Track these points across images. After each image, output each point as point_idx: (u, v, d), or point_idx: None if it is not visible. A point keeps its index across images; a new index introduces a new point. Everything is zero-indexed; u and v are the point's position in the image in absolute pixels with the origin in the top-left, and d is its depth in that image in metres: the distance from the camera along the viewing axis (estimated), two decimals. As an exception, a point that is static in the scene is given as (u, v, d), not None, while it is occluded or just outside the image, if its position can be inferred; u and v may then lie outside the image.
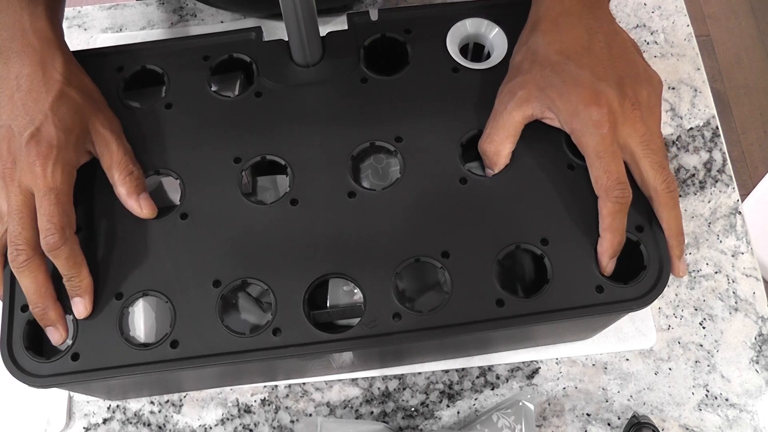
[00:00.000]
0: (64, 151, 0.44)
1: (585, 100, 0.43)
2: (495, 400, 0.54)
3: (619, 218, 0.43)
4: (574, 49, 0.45)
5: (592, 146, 0.43)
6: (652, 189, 0.44)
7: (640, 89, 0.45)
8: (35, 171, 0.43)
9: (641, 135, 0.43)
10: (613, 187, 0.43)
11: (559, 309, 0.43)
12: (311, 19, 0.47)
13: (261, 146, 0.48)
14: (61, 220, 0.42)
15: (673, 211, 0.44)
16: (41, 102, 0.44)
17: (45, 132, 0.43)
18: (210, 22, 0.67)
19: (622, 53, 0.46)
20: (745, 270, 0.57)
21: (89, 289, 0.44)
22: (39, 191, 0.43)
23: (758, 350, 0.55)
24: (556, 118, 0.45)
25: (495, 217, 0.45)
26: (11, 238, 0.42)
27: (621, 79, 0.44)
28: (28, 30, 0.46)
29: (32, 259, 0.42)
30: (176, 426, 0.54)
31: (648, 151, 0.43)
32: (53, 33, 0.47)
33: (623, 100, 0.44)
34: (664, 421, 0.53)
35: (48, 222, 0.42)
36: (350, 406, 0.54)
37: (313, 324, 0.43)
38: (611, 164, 0.43)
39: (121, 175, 0.45)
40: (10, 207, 0.43)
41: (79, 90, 0.46)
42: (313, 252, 0.45)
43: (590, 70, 0.44)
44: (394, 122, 0.48)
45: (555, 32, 0.46)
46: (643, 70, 0.46)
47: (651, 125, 0.44)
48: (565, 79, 0.44)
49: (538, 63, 0.45)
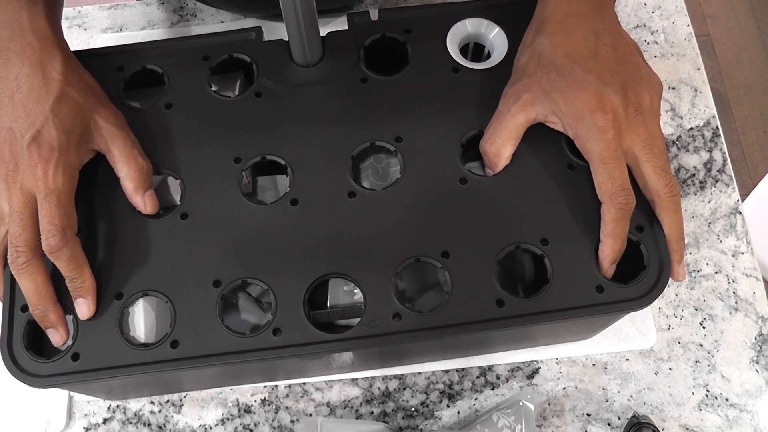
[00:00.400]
0: (65, 153, 0.44)
1: (590, 105, 0.43)
2: (495, 400, 0.54)
3: (622, 224, 0.43)
4: (581, 52, 0.45)
5: (597, 152, 0.43)
6: (655, 193, 0.44)
7: (643, 93, 0.45)
8: (37, 173, 0.43)
9: (644, 140, 0.43)
10: (617, 193, 0.43)
11: (559, 309, 0.43)
12: (311, 19, 0.47)
13: (261, 146, 0.48)
14: (62, 221, 0.43)
15: (675, 215, 0.44)
16: (42, 103, 0.44)
17: (46, 134, 0.43)
18: (210, 22, 0.67)
19: (626, 56, 0.46)
20: (745, 270, 0.57)
21: (92, 289, 0.44)
22: (40, 193, 0.43)
23: (758, 350, 0.55)
24: (559, 122, 0.45)
25: (495, 217, 0.45)
26: (12, 240, 0.42)
27: (625, 84, 0.44)
28: (27, 29, 0.46)
29: (32, 261, 0.42)
30: (176, 426, 0.54)
31: (650, 155, 0.43)
32: (52, 32, 0.47)
33: (627, 106, 0.44)
34: (664, 421, 0.53)
35: (49, 224, 0.42)
36: (350, 406, 0.54)
37: (313, 324, 0.43)
38: (615, 170, 0.43)
39: (130, 170, 0.46)
40: (12, 209, 0.43)
41: (79, 89, 0.46)
42: (313, 252, 0.45)
43: (596, 75, 0.44)
44: (394, 122, 0.48)
45: (561, 34, 0.46)
46: (645, 73, 0.46)
47: (653, 129, 0.44)
48: (571, 83, 0.44)
49: (543, 66, 0.45)
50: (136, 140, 0.47)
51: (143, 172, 0.46)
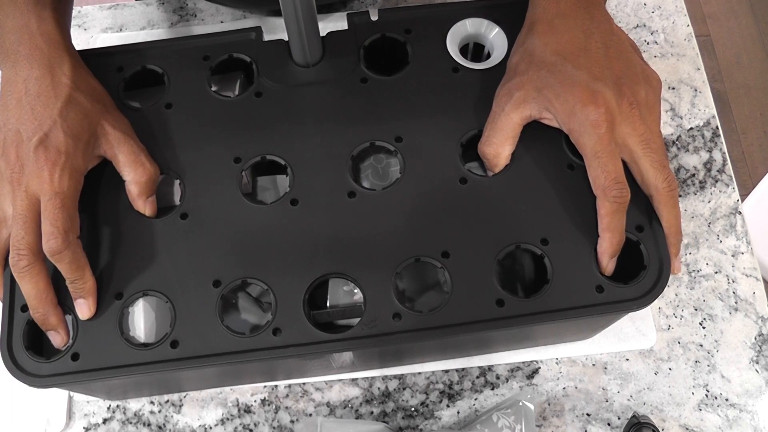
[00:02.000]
0: (72, 157, 0.44)
1: (582, 100, 0.43)
2: (495, 400, 0.54)
3: (618, 218, 0.43)
4: (571, 49, 0.45)
5: (590, 146, 0.43)
6: (653, 187, 0.44)
7: (638, 89, 0.44)
8: (43, 176, 0.43)
9: (640, 134, 0.43)
10: (611, 186, 0.43)
11: (559, 309, 0.43)
12: (311, 19, 0.47)
13: (261, 146, 0.48)
14: (65, 224, 0.43)
15: (674, 209, 0.44)
16: (50, 107, 0.44)
17: (53, 138, 0.43)
18: (210, 22, 0.67)
19: (619, 53, 0.46)
20: (745, 270, 0.57)
21: (93, 290, 0.44)
22: (45, 195, 0.43)
23: (758, 350, 0.55)
24: (554, 118, 0.45)
25: (495, 217, 0.45)
26: (14, 242, 0.42)
27: (618, 79, 0.44)
28: (36, 33, 0.46)
29: (33, 264, 0.42)
30: (176, 426, 0.54)
31: (648, 150, 0.43)
32: (61, 36, 0.47)
33: (621, 100, 0.44)
34: (664, 421, 0.53)
35: (52, 226, 0.42)
36: (350, 406, 0.54)
37: (313, 324, 0.43)
38: (609, 164, 0.43)
39: (136, 175, 0.46)
40: (16, 211, 0.43)
41: (87, 94, 0.46)
42: (313, 252, 0.45)
43: (587, 71, 0.44)
44: (394, 122, 0.48)
45: (551, 34, 0.46)
46: (641, 69, 0.46)
47: (650, 124, 0.44)
48: (562, 79, 0.44)
49: (534, 64, 0.45)
50: (142, 146, 0.47)
51: (149, 177, 0.46)
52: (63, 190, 0.43)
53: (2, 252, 0.45)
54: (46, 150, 0.43)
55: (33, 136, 0.43)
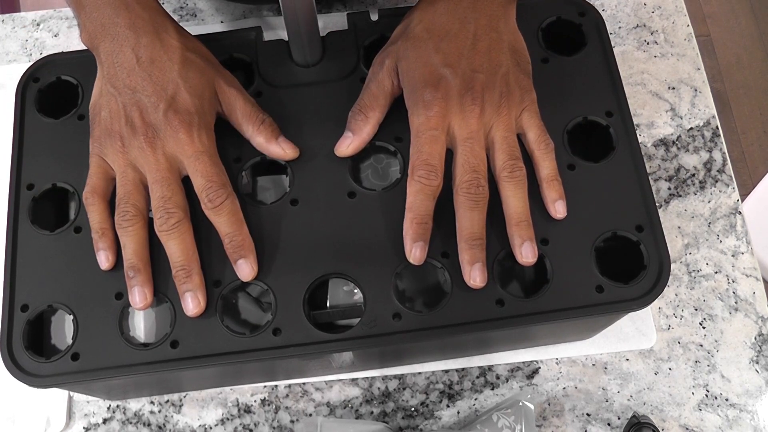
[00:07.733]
0: (202, 115, 0.44)
1: (425, 80, 0.44)
2: (495, 400, 0.54)
3: (421, 199, 0.43)
4: (439, 31, 0.45)
5: (415, 125, 0.44)
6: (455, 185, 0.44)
7: (493, 90, 0.44)
8: (180, 138, 0.43)
9: (469, 131, 0.44)
10: (418, 166, 0.43)
11: (559, 309, 0.43)
12: (311, 19, 0.47)
13: (261, 146, 0.48)
14: (221, 177, 0.44)
15: (469, 213, 0.43)
16: (167, 71, 0.44)
17: (180, 100, 0.44)
18: (210, 22, 0.67)
19: (489, 50, 0.45)
20: (745, 270, 0.57)
21: (252, 247, 0.44)
22: (189, 156, 0.43)
23: (758, 350, 0.55)
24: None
25: (494, 217, 0.45)
26: (161, 204, 0.43)
27: (473, 73, 0.44)
28: (132, 3, 0.45)
29: (183, 221, 0.43)
30: (176, 426, 0.54)
31: (466, 149, 0.43)
32: (156, 3, 0.47)
33: (465, 93, 0.44)
34: (664, 421, 0.53)
35: (208, 181, 0.43)
36: (350, 406, 0.54)
37: (313, 324, 0.43)
38: (425, 145, 0.43)
39: (255, 125, 0.46)
40: (156, 175, 0.43)
41: (198, 54, 0.46)
42: (313, 252, 0.45)
43: (443, 55, 0.44)
44: (394, 122, 0.48)
45: (431, 11, 0.46)
46: (513, 77, 0.45)
47: (488, 128, 0.44)
48: (417, 56, 0.45)
49: (404, 35, 0.46)
50: (253, 101, 0.47)
51: (266, 124, 0.46)
52: (206, 148, 0.44)
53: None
54: (176, 113, 0.43)
55: (159, 102, 0.43)
